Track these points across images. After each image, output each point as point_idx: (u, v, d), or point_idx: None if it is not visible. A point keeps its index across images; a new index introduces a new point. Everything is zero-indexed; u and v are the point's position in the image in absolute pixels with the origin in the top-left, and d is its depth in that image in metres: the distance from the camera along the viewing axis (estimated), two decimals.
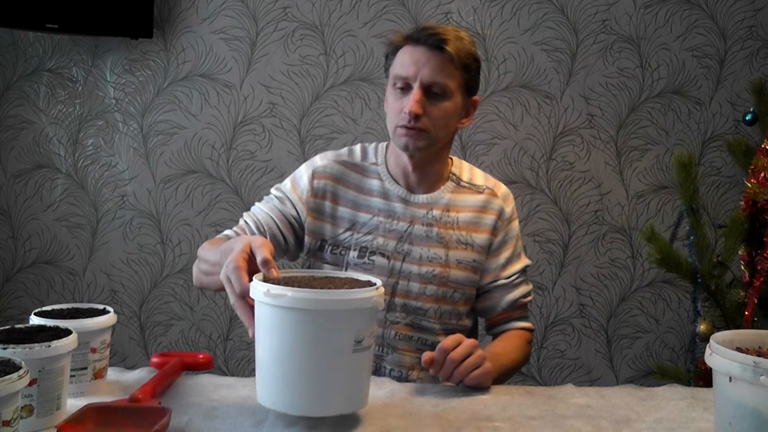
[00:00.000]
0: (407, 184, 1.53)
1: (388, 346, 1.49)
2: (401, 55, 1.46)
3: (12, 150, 2.81)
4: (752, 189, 2.05)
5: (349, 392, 1.07)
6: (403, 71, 1.43)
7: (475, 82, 1.50)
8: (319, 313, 1.03)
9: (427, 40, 1.42)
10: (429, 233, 1.50)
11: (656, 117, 2.78)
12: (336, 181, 1.53)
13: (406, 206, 1.51)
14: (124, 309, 2.82)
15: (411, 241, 1.50)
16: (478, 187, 1.55)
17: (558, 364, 2.84)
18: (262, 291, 1.03)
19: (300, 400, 1.05)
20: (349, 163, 1.55)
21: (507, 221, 1.55)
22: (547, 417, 1.16)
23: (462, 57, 1.43)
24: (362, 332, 1.05)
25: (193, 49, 2.77)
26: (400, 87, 1.44)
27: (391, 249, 1.49)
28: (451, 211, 1.52)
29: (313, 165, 1.55)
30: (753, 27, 2.75)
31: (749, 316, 1.99)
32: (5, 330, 1.09)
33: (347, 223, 1.51)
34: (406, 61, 1.44)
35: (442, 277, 1.49)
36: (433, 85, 1.42)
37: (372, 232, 1.50)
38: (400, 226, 1.50)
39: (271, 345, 1.06)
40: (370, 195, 1.52)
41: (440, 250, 1.50)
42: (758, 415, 0.92)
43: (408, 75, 1.42)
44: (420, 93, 1.41)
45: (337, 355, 1.04)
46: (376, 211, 1.51)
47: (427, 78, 1.41)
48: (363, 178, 1.54)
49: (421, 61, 1.42)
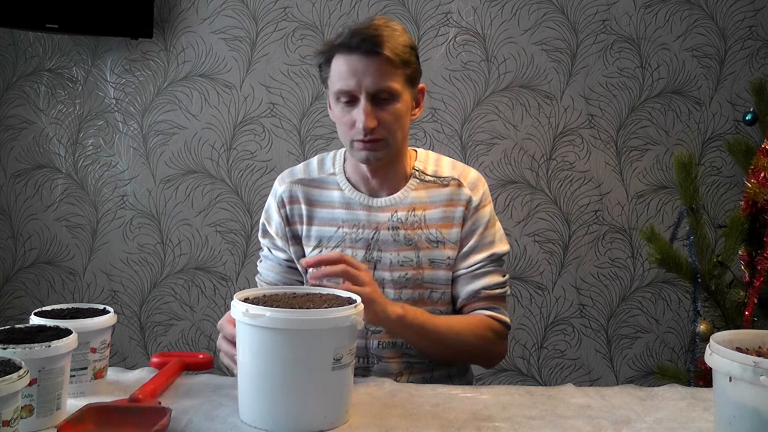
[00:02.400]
0: (369, 190, 1.49)
1: (373, 356, 1.47)
2: (337, 66, 1.38)
3: (12, 150, 2.81)
4: (752, 189, 2.05)
5: (328, 410, 1.09)
6: (344, 85, 1.37)
7: (417, 73, 1.43)
8: (297, 333, 1.05)
9: (361, 46, 1.35)
10: (396, 237, 1.46)
11: (656, 117, 2.78)
12: (299, 203, 1.51)
13: (369, 212, 1.47)
14: (124, 309, 2.82)
15: (379, 248, 1.46)
16: (444, 180, 1.49)
17: (558, 364, 2.84)
18: (242, 311, 1.07)
19: (279, 419, 1.07)
20: (306, 180, 1.52)
21: (475, 209, 1.49)
22: (547, 417, 1.16)
23: (400, 53, 1.36)
24: (341, 350, 1.07)
25: (193, 49, 2.77)
26: (345, 101, 1.39)
27: (361, 259, 1.45)
28: (417, 210, 1.47)
29: (275, 195, 1.54)
30: (753, 27, 2.75)
31: (749, 316, 1.98)
32: (5, 330, 1.09)
33: (315, 240, 1.50)
34: (344, 72, 1.37)
35: (416, 280, 1.46)
36: (379, 92, 1.36)
37: (339, 244, 1.47)
38: (366, 234, 1.47)
39: (251, 363, 1.09)
40: (332, 207, 1.49)
41: (410, 253, 1.46)
42: (758, 415, 0.92)
43: (351, 88, 1.36)
44: (368, 104, 1.36)
45: (315, 374, 1.06)
46: (340, 222, 1.48)
47: (371, 87, 1.36)
48: (323, 192, 1.51)
49: (360, 71, 1.35)
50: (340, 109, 1.41)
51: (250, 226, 2.81)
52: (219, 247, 2.82)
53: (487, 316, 1.47)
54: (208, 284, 2.83)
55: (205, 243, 2.82)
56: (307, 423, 1.08)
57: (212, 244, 2.82)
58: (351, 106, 1.39)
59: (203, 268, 2.83)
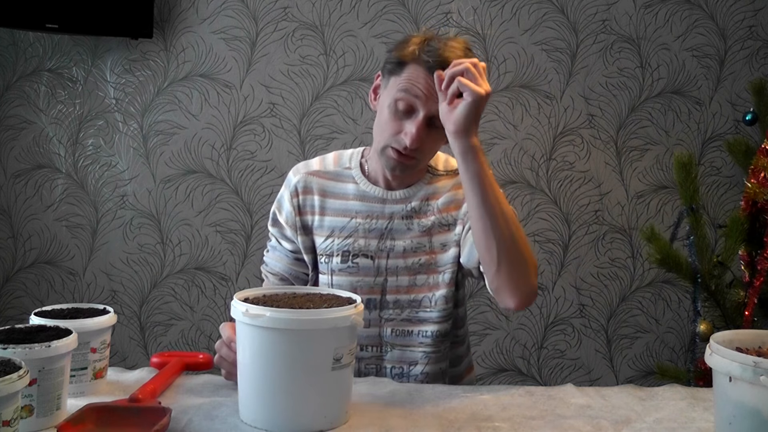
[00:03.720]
0: (386, 185, 1.51)
1: (387, 344, 1.48)
2: (412, 73, 1.37)
3: (12, 150, 2.81)
4: (752, 189, 2.05)
5: (328, 410, 1.09)
6: (412, 96, 1.37)
7: None
8: (296, 333, 1.05)
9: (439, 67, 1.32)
10: (410, 225, 1.48)
11: (656, 117, 2.78)
12: (313, 193, 1.52)
13: (383, 204, 1.49)
14: (124, 309, 2.82)
15: (393, 237, 1.48)
16: (453, 172, 1.52)
17: (558, 364, 2.84)
18: (242, 311, 1.07)
19: (279, 419, 1.07)
20: (321, 172, 1.54)
21: None
22: (547, 417, 1.16)
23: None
24: (341, 350, 1.07)
25: (193, 49, 2.77)
26: (402, 110, 1.39)
27: (374, 248, 1.48)
28: (430, 200, 1.50)
29: (289, 185, 1.55)
30: (753, 27, 2.75)
31: (749, 316, 1.99)
32: (5, 330, 1.09)
33: (327, 230, 1.51)
34: (417, 85, 1.36)
35: (429, 264, 1.48)
36: (436, 118, 1.36)
37: (352, 234, 1.49)
38: (380, 224, 1.49)
39: (250, 363, 1.09)
40: (345, 199, 1.51)
41: (423, 239, 1.48)
42: (758, 415, 0.92)
43: (414, 103, 1.36)
44: (423, 125, 1.37)
45: (315, 374, 1.07)
46: (353, 213, 1.50)
47: (434, 111, 1.35)
48: (337, 184, 1.52)
49: (431, 90, 1.34)
50: (391, 113, 1.40)
51: (250, 226, 2.81)
52: (219, 247, 2.82)
53: None
54: (208, 284, 2.83)
55: (205, 243, 2.82)
56: (307, 423, 1.07)
57: (212, 244, 2.82)
58: (405, 116, 1.39)
59: (203, 268, 2.83)
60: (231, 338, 1.23)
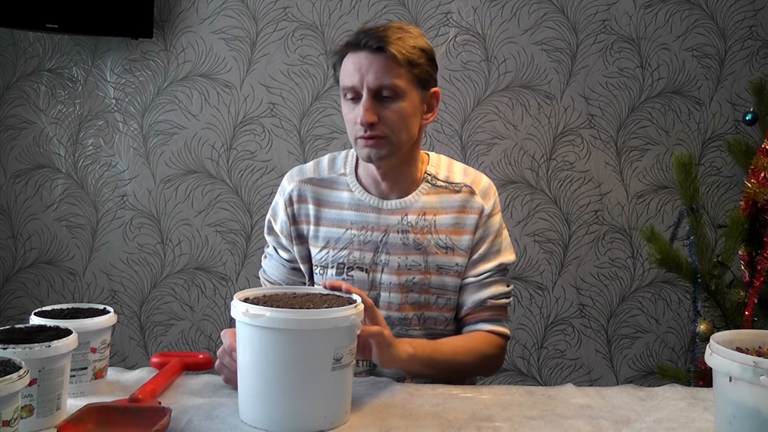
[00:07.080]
0: (380, 192, 1.49)
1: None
2: (345, 64, 1.41)
3: (12, 150, 2.81)
4: (752, 189, 2.05)
5: (328, 410, 1.09)
6: (349, 80, 1.39)
7: (428, 75, 1.43)
8: (297, 333, 1.05)
9: (367, 44, 1.37)
10: (405, 240, 1.46)
11: (656, 117, 2.78)
12: (307, 202, 1.51)
13: (378, 215, 1.47)
14: (124, 309, 2.82)
15: (388, 251, 1.46)
16: (456, 186, 1.50)
17: (558, 364, 2.84)
18: (242, 311, 1.07)
19: (279, 419, 1.07)
20: (315, 180, 1.52)
21: (487, 217, 1.49)
22: (547, 417, 1.16)
23: (405, 53, 1.37)
24: (341, 350, 1.08)
25: (193, 49, 2.77)
26: (351, 97, 1.40)
27: (369, 261, 1.46)
28: (427, 215, 1.47)
29: (283, 193, 1.54)
30: (753, 27, 2.75)
31: (749, 316, 1.98)
32: (5, 330, 1.09)
33: (323, 241, 1.49)
34: (349, 69, 1.39)
35: (422, 284, 1.46)
36: (381, 88, 1.37)
37: (347, 246, 1.47)
38: (375, 237, 1.47)
39: (250, 363, 1.09)
40: (341, 208, 1.49)
41: (418, 257, 1.46)
42: (758, 415, 0.92)
43: (354, 84, 1.38)
44: (370, 100, 1.37)
45: (315, 374, 1.07)
46: (348, 224, 1.48)
47: (373, 83, 1.37)
48: (332, 192, 1.51)
49: (364, 67, 1.37)
50: (346, 106, 1.43)
51: (250, 226, 2.81)
52: (219, 247, 2.82)
53: (488, 332, 1.49)
54: (208, 284, 2.83)
55: (205, 243, 2.82)
56: (307, 423, 1.08)
57: (212, 244, 2.82)
58: (355, 102, 1.40)
59: (203, 268, 2.83)
60: (232, 347, 1.21)
